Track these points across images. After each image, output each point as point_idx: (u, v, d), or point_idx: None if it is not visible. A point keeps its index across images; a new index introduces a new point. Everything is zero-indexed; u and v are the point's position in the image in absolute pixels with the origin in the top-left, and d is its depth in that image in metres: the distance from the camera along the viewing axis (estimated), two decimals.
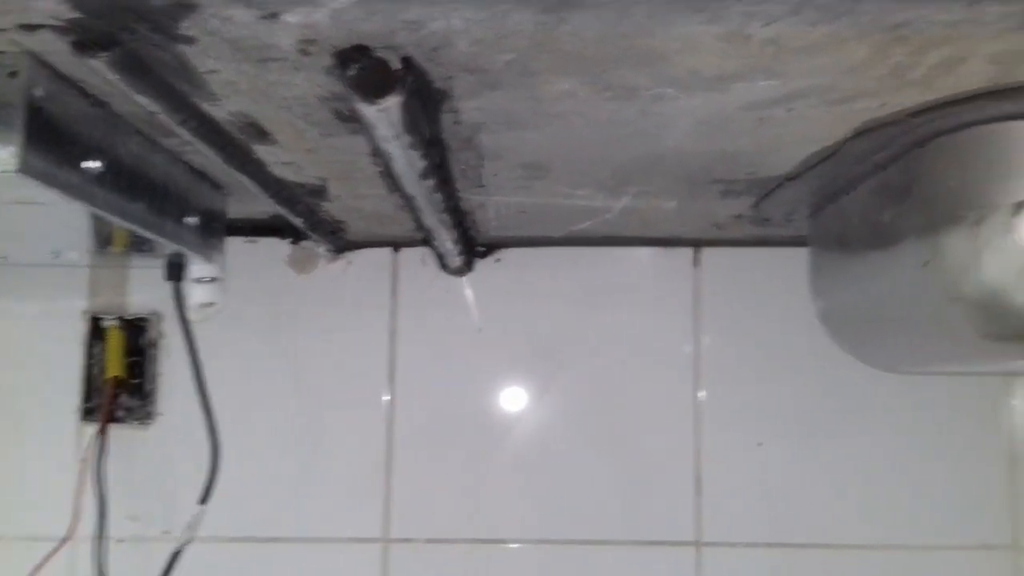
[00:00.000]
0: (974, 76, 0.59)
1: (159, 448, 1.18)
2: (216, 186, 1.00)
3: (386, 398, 1.20)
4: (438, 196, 0.80)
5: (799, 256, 1.04)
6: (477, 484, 1.19)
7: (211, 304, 1.06)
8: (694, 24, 0.52)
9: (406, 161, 0.67)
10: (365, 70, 0.54)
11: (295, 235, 1.20)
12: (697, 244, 1.22)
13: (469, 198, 0.95)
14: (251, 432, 1.18)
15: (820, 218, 0.94)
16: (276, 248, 1.22)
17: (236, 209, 1.09)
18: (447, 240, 1.00)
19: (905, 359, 0.91)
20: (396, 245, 1.22)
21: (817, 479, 1.18)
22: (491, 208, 1.00)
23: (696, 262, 1.21)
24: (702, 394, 1.20)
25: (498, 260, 1.22)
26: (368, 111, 0.56)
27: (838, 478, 1.18)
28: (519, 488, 1.19)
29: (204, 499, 1.04)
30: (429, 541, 1.18)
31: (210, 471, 1.05)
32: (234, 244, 1.20)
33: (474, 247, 1.20)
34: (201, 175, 0.95)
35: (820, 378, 1.18)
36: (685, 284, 1.21)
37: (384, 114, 0.56)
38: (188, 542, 1.04)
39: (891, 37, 0.53)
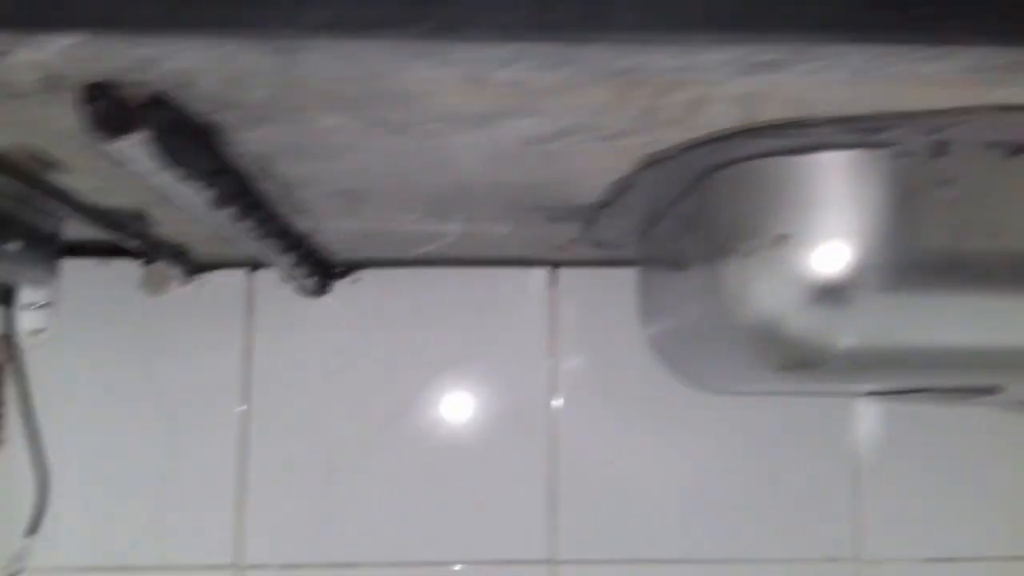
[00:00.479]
0: (724, 116, 0.60)
1: (5, 476, 1.15)
2: (46, 210, 0.98)
3: (240, 420, 1.19)
4: (247, 223, 0.80)
5: None
6: (332, 507, 1.18)
7: (42, 330, 1.03)
8: (431, 68, 0.53)
9: (189, 193, 0.67)
10: (106, 107, 0.54)
11: (148, 256, 1.18)
12: (556, 264, 1.23)
13: (300, 223, 0.95)
14: (100, 457, 1.16)
15: (643, 243, 0.96)
16: (128, 270, 1.20)
17: (85, 231, 1.07)
18: (284, 264, 1.00)
19: (715, 382, 0.93)
20: (253, 266, 1.21)
21: (670, 494, 1.21)
22: (327, 232, 1.00)
23: (552, 282, 1.23)
24: (558, 411, 1.21)
25: (356, 281, 1.22)
26: (114, 148, 0.56)
27: (690, 493, 1.21)
28: (374, 510, 1.19)
29: (32, 530, 1.02)
30: (283, 566, 1.17)
31: (38, 502, 1.03)
32: (85, 266, 1.18)
33: (330, 268, 1.20)
34: (25, 199, 0.93)
35: (672, 395, 1.20)
36: (542, 303, 1.23)
37: (134, 150, 0.56)
38: (16, 574, 1.02)
39: (626, 81, 0.54)
